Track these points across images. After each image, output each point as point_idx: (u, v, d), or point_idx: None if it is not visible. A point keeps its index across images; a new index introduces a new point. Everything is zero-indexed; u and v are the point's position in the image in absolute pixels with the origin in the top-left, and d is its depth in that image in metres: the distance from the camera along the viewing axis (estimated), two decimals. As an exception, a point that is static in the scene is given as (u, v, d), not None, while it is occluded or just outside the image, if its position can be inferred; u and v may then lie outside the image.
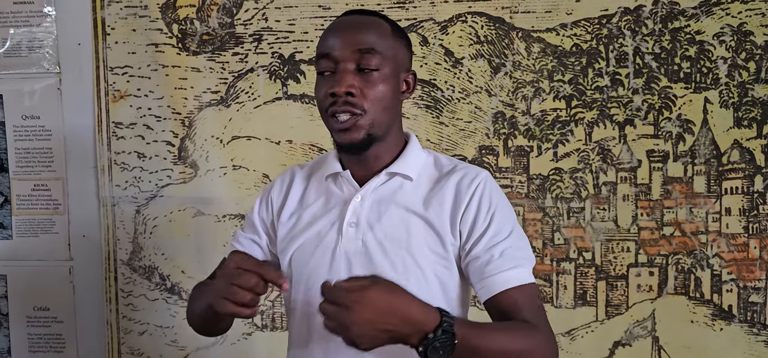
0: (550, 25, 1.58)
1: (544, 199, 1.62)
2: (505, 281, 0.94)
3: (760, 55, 1.54)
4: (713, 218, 1.58)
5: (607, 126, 1.59)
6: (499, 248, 0.95)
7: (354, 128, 0.95)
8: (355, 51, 0.95)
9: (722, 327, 1.60)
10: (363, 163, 1.02)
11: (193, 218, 1.70)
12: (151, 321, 1.74)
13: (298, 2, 1.63)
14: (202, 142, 1.69)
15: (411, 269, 0.96)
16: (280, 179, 1.12)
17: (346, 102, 0.94)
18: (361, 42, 0.95)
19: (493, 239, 0.96)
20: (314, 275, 1.00)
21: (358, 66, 0.95)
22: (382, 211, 0.99)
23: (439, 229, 0.97)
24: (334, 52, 0.96)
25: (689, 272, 1.60)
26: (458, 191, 0.99)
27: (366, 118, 0.95)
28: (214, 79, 1.67)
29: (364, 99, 0.95)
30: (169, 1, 1.66)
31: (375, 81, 0.96)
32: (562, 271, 1.62)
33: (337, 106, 0.94)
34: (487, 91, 1.61)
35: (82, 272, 1.75)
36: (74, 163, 1.73)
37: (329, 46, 0.97)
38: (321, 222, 1.02)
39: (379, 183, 1.01)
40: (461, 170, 1.02)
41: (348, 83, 0.94)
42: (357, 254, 0.98)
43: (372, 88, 0.95)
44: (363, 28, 0.98)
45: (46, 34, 1.71)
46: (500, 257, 0.94)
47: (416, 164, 1.03)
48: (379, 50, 0.96)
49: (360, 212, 1.00)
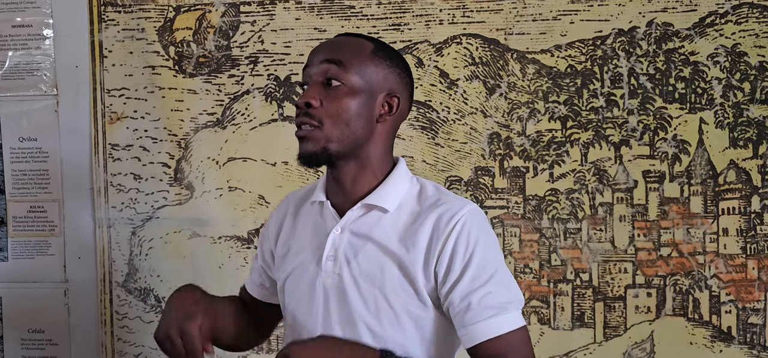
0: (544, 47, 1.59)
1: (540, 220, 1.61)
2: (484, 332, 0.89)
3: (755, 76, 1.54)
4: (711, 238, 1.58)
5: (602, 147, 1.59)
6: (477, 294, 0.89)
7: (309, 140, 0.93)
8: (322, 63, 0.94)
9: (722, 349, 1.58)
10: (341, 191, 0.99)
11: (189, 239, 1.70)
12: (147, 344, 1.73)
13: (294, 24, 1.64)
14: (198, 164, 1.69)
15: (383, 309, 0.94)
16: (278, 208, 1.13)
17: (306, 113, 0.93)
18: (327, 55, 0.95)
19: (472, 283, 0.90)
20: (299, 307, 1.01)
21: (325, 80, 0.94)
22: (359, 246, 0.96)
23: (411, 271, 0.93)
24: (308, 68, 0.97)
25: (687, 293, 1.59)
26: (436, 229, 0.93)
27: (322, 132, 0.93)
28: (210, 101, 1.68)
29: (322, 112, 0.93)
30: (166, 24, 1.67)
31: (338, 95, 0.93)
32: (559, 292, 1.61)
33: (300, 117, 0.94)
34: (482, 112, 1.62)
35: (77, 294, 1.74)
36: (70, 185, 1.73)
37: (307, 62, 0.98)
38: (305, 252, 1.02)
39: (356, 216, 0.98)
40: (443, 205, 0.95)
41: (309, 95, 0.93)
42: (333, 289, 0.97)
43: (332, 101, 0.93)
44: (337, 45, 0.98)
45: (44, 56, 1.72)
46: (479, 305, 0.89)
47: (396, 195, 0.98)
48: (347, 65, 0.94)
49: (338, 244, 0.97)
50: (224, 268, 1.68)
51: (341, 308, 0.96)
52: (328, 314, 0.97)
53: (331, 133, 0.93)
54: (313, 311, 0.98)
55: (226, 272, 1.68)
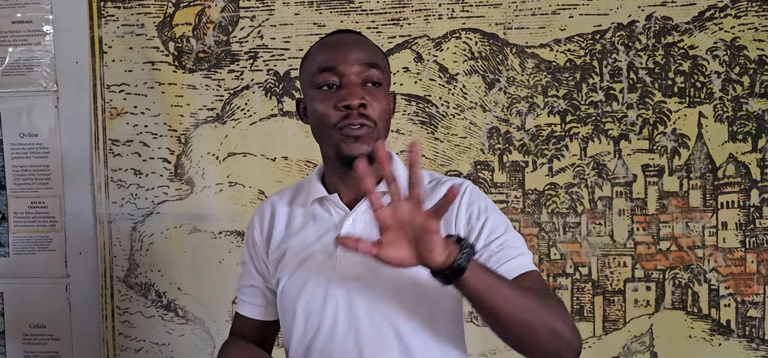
0: (543, 41, 1.59)
1: (539, 214, 1.61)
2: (511, 271, 0.91)
3: (754, 70, 1.54)
4: (710, 232, 1.58)
5: (601, 141, 1.59)
6: (497, 242, 0.94)
7: (366, 139, 0.94)
8: (361, 65, 0.95)
9: (721, 342, 1.58)
10: (352, 185, 0.99)
11: (189, 234, 1.70)
12: (148, 338, 1.73)
13: (294, 20, 1.64)
14: (198, 159, 1.69)
15: (410, 286, 0.95)
16: (258, 215, 1.09)
17: (360, 114, 0.93)
18: (366, 57, 0.96)
19: (490, 236, 0.95)
20: (311, 303, 0.98)
21: (362, 80, 0.95)
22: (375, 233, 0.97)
23: None
24: (340, 65, 0.95)
25: (686, 287, 1.59)
26: None
27: (375, 131, 0.95)
28: (210, 96, 1.68)
29: (373, 111, 0.94)
30: (166, 19, 1.68)
31: (380, 96, 0.96)
32: (559, 286, 1.62)
33: (352, 118, 0.93)
34: (481, 107, 1.62)
35: (78, 289, 1.75)
36: (71, 180, 1.73)
37: (333, 59, 0.96)
38: (312, 249, 1.00)
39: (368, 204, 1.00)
40: (446, 182, 1.02)
41: (360, 95, 0.93)
42: (354, 279, 0.96)
43: (378, 101, 0.95)
44: (365, 44, 0.99)
45: (44, 52, 1.72)
46: (500, 250, 0.93)
47: (403, 181, 1.01)
48: (382, 68, 0.98)
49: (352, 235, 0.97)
50: (224, 263, 1.69)
51: (367, 293, 0.95)
52: (350, 303, 0.96)
53: (380, 133, 0.96)
54: (329, 304, 0.96)
55: (226, 266, 1.69)
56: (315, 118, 0.98)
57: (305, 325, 0.99)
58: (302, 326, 1.00)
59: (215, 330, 1.71)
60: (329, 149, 0.98)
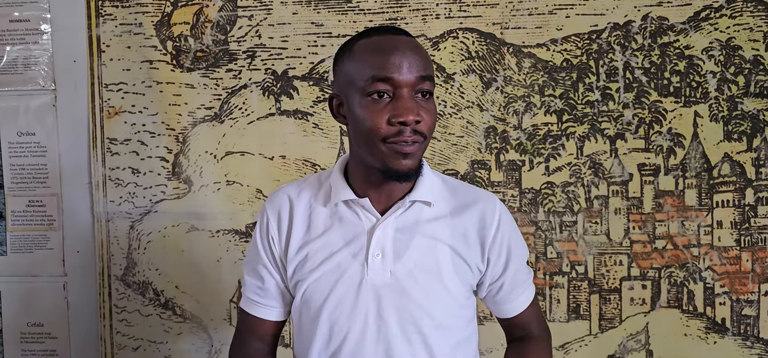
0: (540, 41, 1.60)
1: (536, 213, 1.62)
2: (521, 305, 1.07)
3: (749, 69, 1.55)
4: (705, 231, 1.59)
5: (598, 140, 1.60)
6: (512, 283, 1.04)
7: (416, 154, 0.91)
8: (416, 77, 0.90)
9: (716, 340, 1.60)
10: (387, 192, 0.97)
11: (187, 233, 1.71)
12: (145, 337, 1.74)
13: (291, 19, 1.65)
14: (196, 158, 1.70)
15: (442, 296, 0.97)
16: (273, 210, 1.03)
17: (415, 130, 0.89)
18: (421, 67, 0.91)
19: (513, 267, 1.03)
20: (338, 310, 0.96)
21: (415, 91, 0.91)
22: (408, 240, 0.97)
23: (467, 258, 0.99)
24: (396, 76, 0.89)
25: (682, 286, 1.60)
26: (482, 220, 1.01)
27: (423, 145, 0.92)
28: (207, 95, 1.68)
29: (424, 126, 0.90)
30: (164, 18, 1.68)
31: (431, 108, 0.92)
32: (555, 285, 1.63)
33: (407, 134, 0.89)
34: (478, 106, 1.62)
35: (76, 287, 1.75)
36: (69, 179, 1.73)
37: (389, 69, 0.89)
38: (340, 254, 0.97)
39: (401, 211, 0.97)
40: (480, 200, 1.02)
41: (417, 112, 0.89)
42: (386, 286, 0.95)
43: (430, 115, 0.91)
44: (419, 51, 0.92)
45: (42, 51, 1.72)
46: (519, 285, 1.06)
47: (432, 189, 1.00)
48: (433, 76, 0.93)
49: (384, 242, 0.96)
50: (222, 261, 1.69)
51: (399, 302, 0.95)
52: (380, 310, 0.95)
53: (426, 145, 0.94)
54: (359, 311, 0.95)
55: (223, 265, 1.69)
56: (360, 127, 0.91)
57: (330, 332, 0.97)
58: (326, 334, 0.97)
59: (213, 328, 1.71)
60: (372, 160, 0.93)
